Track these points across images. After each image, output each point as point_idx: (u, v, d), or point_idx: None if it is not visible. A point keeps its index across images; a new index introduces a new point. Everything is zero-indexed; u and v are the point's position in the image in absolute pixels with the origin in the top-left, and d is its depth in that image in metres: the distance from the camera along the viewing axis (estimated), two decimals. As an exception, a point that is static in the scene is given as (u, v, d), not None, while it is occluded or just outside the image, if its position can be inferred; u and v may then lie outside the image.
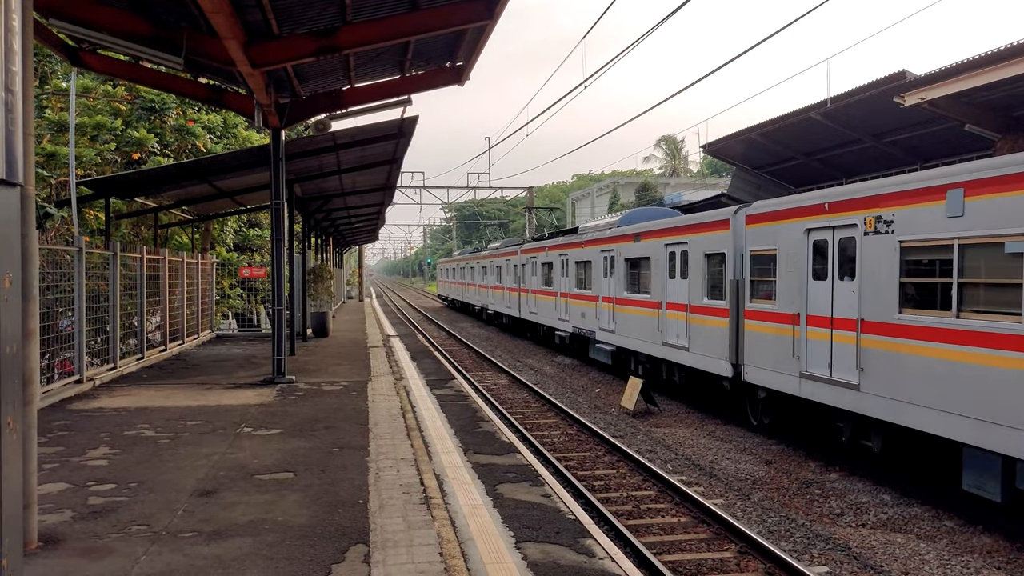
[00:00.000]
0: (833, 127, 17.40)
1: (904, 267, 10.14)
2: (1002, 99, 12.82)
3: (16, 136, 3.47)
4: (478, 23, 11.46)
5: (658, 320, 17.76)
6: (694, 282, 16.08)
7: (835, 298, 11.58)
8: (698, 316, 15.89)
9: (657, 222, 18.38)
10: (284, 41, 11.64)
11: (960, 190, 9.16)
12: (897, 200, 10.27)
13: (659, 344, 17.72)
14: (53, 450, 8.99)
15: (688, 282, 16.40)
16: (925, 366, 9.66)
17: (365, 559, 5.72)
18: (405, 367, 17.42)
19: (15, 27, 3.46)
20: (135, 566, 5.55)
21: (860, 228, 10.95)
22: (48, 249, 12.68)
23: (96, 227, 19.56)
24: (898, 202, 10.24)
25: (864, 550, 8.62)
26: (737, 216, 14.51)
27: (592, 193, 78.04)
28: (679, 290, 16.86)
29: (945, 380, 9.34)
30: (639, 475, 11.60)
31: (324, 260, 39.32)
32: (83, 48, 12.99)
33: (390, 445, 9.44)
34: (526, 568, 5.74)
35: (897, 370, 10.16)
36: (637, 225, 19.48)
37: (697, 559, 8.37)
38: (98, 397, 12.72)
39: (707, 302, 15.49)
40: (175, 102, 21.01)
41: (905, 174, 10.63)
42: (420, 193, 53.65)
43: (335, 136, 16.12)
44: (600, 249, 21.83)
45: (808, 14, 12.60)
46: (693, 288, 16.15)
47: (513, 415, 15.90)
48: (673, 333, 17.06)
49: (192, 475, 7.99)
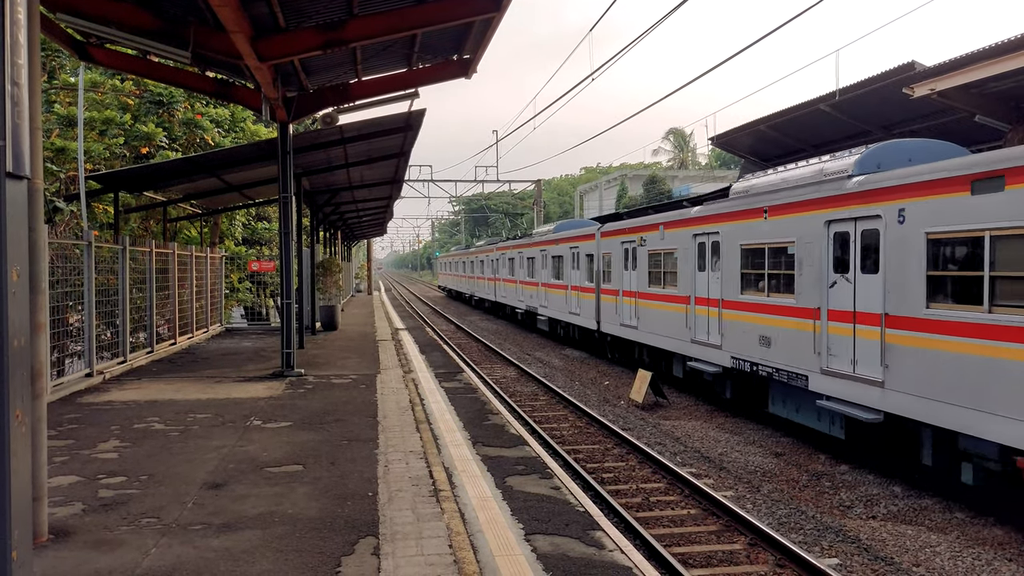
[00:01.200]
0: (842, 119, 17.29)
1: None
2: (1012, 89, 12.70)
3: (23, 129, 3.46)
4: (485, 15, 11.41)
5: (566, 296, 25.94)
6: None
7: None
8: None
9: (573, 231, 25.09)
10: (291, 34, 11.63)
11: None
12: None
13: (566, 313, 25.74)
14: (63, 443, 9.03)
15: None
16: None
17: (375, 551, 5.73)
18: (414, 360, 17.43)
19: (20, 20, 3.45)
20: (145, 559, 5.57)
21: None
22: (58, 243, 12.73)
23: (105, 221, 19.63)
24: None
25: (874, 542, 8.59)
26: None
27: (600, 186, 77.86)
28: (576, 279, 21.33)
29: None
30: (648, 467, 11.59)
31: (332, 254, 39.39)
32: (91, 43, 13.01)
33: (399, 438, 9.44)
34: (536, 560, 5.73)
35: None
36: (559, 233, 27.53)
37: (707, 551, 8.35)
38: (108, 390, 12.78)
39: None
40: (183, 96, 21.07)
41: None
42: (428, 186, 53.71)
43: (343, 130, 16.11)
44: (539, 249, 30.01)
45: (816, 5, 12.48)
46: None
47: (522, 408, 15.90)
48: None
49: (202, 468, 8.02)
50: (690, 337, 16.16)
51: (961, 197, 9.03)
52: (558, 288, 26.88)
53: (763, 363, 13.30)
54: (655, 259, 18.18)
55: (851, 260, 11.12)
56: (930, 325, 9.57)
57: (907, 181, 9.98)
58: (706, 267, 15.52)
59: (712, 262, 15.26)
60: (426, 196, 54.68)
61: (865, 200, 10.78)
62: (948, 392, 9.24)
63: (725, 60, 15.29)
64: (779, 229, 12.91)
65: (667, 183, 59.96)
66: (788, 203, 12.66)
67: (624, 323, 20.17)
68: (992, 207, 8.58)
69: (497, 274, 39.67)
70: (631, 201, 59.68)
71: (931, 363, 9.53)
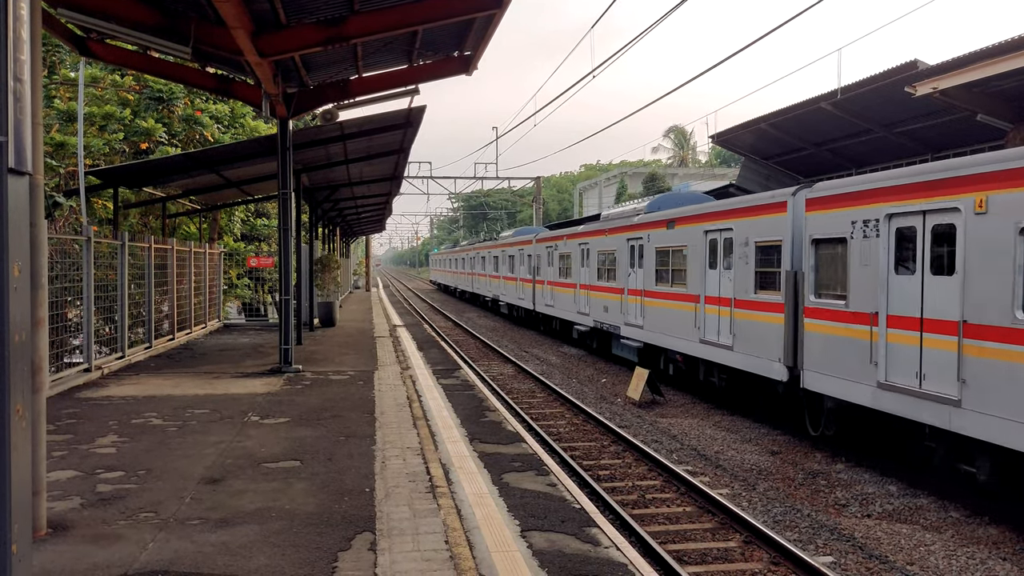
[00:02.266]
0: (844, 117, 17.31)
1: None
2: (1014, 88, 12.72)
3: (25, 125, 3.48)
4: (486, 12, 11.42)
5: (516, 285, 35.57)
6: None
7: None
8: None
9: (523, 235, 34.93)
10: (292, 30, 11.63)
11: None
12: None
13: (516, 299, 34.83)
14: (62, 438, 9.05)
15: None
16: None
17: (371, 547, 5.76)
18: (411, 357, 17.45)
19: (23, 16, 3.47)
20: (143, 552, 5.60)
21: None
22: (57, 238, 12.74)
23: (104, 217, 19.64)
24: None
25: (869, 540, 8.63)
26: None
27: (600, 184, 77.84)
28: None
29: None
30: (644, 465, 11.62)
31: (331, 250, 39.39)
32: (91, 38, 13.01)
33: (396, 434, 9.47)
34: (532, 556, 5.76)
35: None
36: (513, 238, 36.44)
37: (702, 548, 8.39)
38: (107, 386, 12.80)
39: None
40: (183, 92, 21.05)
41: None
42: (427, 183, 53.69)
43: (342, 126, 16.12)
44: (500, 251, 38.59)
45: (818, 3, 12.49)
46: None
47: (519, 405, 15.93)
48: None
49: (200, 463, 8.04)
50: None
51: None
52: (511, 280, 36.45)
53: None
54: (564, 259, 26.90)
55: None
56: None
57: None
58: (585, 265, 24.30)
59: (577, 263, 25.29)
60: (425, 193, 54.62)
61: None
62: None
63: (726, 58, 15.30)
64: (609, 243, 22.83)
65: (667, 181, 59.91)
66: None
67: (547, 303, 29.44)
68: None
69: (474, 270, 48.22)
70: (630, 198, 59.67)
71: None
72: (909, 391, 10.00)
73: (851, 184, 11.45)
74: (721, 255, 15.21)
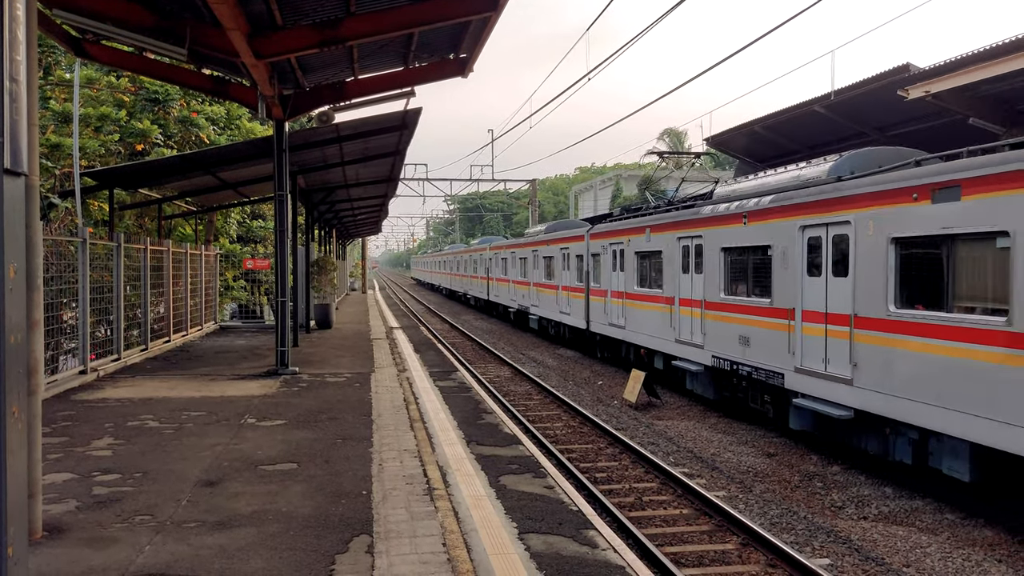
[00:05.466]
0: (837, 120, 17.35)
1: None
2: (1006, 92, 12.77)
3: (21, 126, 3.46)
4: (482, 15, 11.42)
5: (481, 283, 44.30)
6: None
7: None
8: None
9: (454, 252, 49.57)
10: (288, 32, 11.62)
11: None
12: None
13: (481, 292, 44.10)
14: (58, 440, 9.02)
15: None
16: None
17: (368, 549, 5.74)
18: (408, 359, 17.44)
19: (19, 16, 3.45)
20: (139, 556, 5.58)
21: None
22: (52, 240, 12.70)
23: (100, 218, 19.58)
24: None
25: (866, 543, 8.64)
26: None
27: (595, 186, 77.91)
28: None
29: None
30: (641, 467, 11.62)
31: (327, 252, 39.33)
32: (87, 39, 12.97)
33: (393, 436, 9.46)
34: (529, 559, 5.75)
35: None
36: (480, 245, 46.00)
37: (699, 551, 8.39)
38: (102, 388, 12.76)
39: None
40: (179, 93, 21.00)
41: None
42: (423, 185, 53.50)
43: (338, 128, 16.10)
44: (468, 255, 49.10)
45: (812, 7, 12.53)
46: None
47: (516, 407, 15.92)
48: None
49: (196, 466, 8.02)
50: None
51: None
52: (479, 279, 44.96)
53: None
54: (515, 263, 32.81)
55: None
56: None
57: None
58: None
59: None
60: (421, 195, 54.52)
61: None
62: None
63: (720, 61, 15.33)
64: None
65: (661, 183, 59.93)
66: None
67: (492, 293, 36.79)
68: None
69: (454, 271, 58.55)
70: (625, 201, 59.76)
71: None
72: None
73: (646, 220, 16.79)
74: (562, 263, 25.78)
